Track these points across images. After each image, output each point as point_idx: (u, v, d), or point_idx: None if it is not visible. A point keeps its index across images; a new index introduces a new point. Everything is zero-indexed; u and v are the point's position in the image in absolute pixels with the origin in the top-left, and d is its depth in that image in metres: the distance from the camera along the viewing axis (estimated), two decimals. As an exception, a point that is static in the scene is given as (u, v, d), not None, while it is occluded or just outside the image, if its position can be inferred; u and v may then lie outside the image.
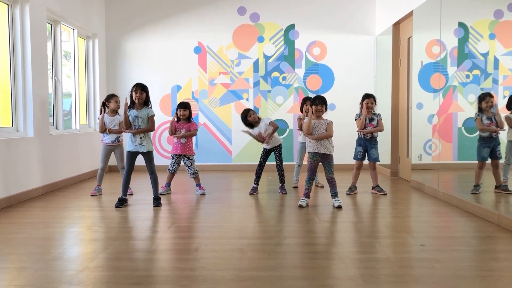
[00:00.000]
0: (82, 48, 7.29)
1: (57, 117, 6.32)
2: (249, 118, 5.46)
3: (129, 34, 7.90)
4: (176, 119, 5.46)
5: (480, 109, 4.57)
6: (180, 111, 5.44)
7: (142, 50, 7.90)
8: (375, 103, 5.44)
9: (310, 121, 4.67)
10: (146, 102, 4.82)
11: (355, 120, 5.48)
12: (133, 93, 4.74)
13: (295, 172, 6.00)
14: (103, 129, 5.35)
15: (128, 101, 4.77)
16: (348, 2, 7.81)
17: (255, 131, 5.46)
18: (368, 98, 5.40)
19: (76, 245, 3.48)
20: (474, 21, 4.88)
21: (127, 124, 4.72)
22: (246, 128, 5.53)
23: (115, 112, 5.43)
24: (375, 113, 5.46)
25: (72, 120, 6.96)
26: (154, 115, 4.83)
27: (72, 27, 6.83)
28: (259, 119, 5.54)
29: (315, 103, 4.75)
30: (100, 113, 5.42)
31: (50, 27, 6.22)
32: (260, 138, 5.43)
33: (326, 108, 4.82)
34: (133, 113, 4.75)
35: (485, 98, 4.54)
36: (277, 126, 5.46)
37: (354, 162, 5.56)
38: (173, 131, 5.42)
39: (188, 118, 5.50)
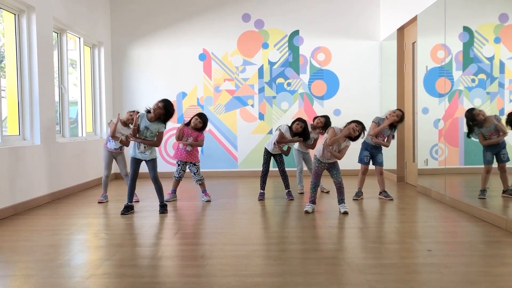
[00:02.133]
0: (88, 56, 7.34)
1: (63, 125, 6.35)
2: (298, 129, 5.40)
3: (134, 41, 7.95)
4: (185, 124, 5.44)
5: (476, 125, 4.56)
6: (197, 119, 5.41)
7: (147, 58, 7.95)
8: (400, 123, 5.41)
9: (340, 138, 4.57)
10: (162, 119, 4.69)
11: (373, 122, 5.44)
12: (156, 103, 4.64)
13: (298, 179, 5.98)
14: (114, 133, 5.30)
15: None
16: (352, 8, 7.83)
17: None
18: (397, 112, 5.34)
19: (83, 252, 3.49)
20: (479, 25, 4.87)
21: (135, 133, 4.68)
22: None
23: (126, 125, 5.37)
24: (392, 127, 5.40)
25: (78, 128, 7.00)
26: (163, 132, 4.78)
27: (78, 35, 6.88)
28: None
29: (357, 124, 4.60)
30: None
31: (56, 36, 6.28)
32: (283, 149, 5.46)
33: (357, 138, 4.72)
34: (145, 122, 4.68)
35: (475, 112, 4.60)
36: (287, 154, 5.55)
37: (359, 167, 5.55)
38: (180, 137, 5.40)
39: (199, 129, 5.47)
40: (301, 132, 5.37)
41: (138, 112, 4.87)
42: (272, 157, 5.52)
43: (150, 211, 4.89)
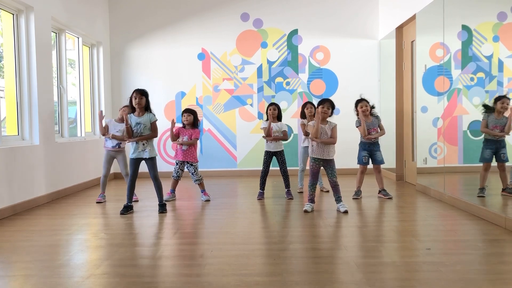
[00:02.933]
0: (86, 56, 7.34)
1: (62, 125, 6.35)
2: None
3: (133, 41, 7.95)
4: (174, 124, 5.41)
5: (491, 110, 4.52)
6: (184, 116, 5.44)
7: (146, 57, 7.94)
8: (369, 105, 5.42)
9: (318, 124, 4.62)
10: (146, 107, 4.78)
11: (357, 127, 5.45)
12: (133, 99, 4.70)
13: (299, 177, 5.99)
14: (104, 132, 5.31)
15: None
16: (351, 7, 7.83)
17: (272, 126, 5.46)
18: (361, 102, 5.39)
19: (82, 252, 3.49)
20: (477, 23, 4.88)
21: (129, 134, 4.70)
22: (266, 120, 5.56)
23: (122, 120, 5.37)
24: (375, 116, 5.43)
25: (77, 128, 7.00)
26: (156, 120, 4.81)
27: (76, 35, 6.88)
28: (280, 119, 5.58)
29: (322, 105, 4.73)
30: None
31: (55, 36, 6.27)
32: (267, 131, 5.43)
33: (332, 112, 4.80)
34: (134, 119, 4.71)
35: (501, 99, 4.50)
36: (286, 139, 5.57)
37: (357, 166, 5.55)
38: (173, 137, 5.40)
39: (193, 124, 5.48)
40: (276, 114, 5.51)
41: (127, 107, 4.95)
42: (274, 156, 5.50)
43: (150, 211, 4.89)
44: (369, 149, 5.41)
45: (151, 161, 4.78)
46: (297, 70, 7.85)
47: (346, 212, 4.58)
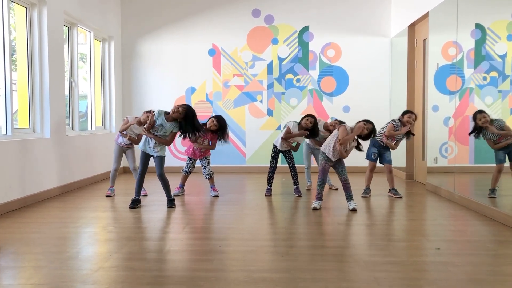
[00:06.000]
0: (98, 50, 7.37)
1: (73, 118, 6.39)
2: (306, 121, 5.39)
3: (144, 36, 7.97)
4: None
5: (481, 129, 4.55)
6: (213, 121, 5.31)
7: (157, 52, 7.96)
8: (415, 119, 5.35)
9: (350, 138, 4.63)
10: (179, 123, 4.70)
11: (391, 123, 5.32)
12: (177, 107, 4.65)
13: (306, 175, 5.98)
14: (123, 130, 5.30)
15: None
16: (363, 4, 7.77)
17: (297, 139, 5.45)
18: (411, 113, 5.32)
19: (91, 245, 3.52)
20: (491, 22, 4.81)
21: (149, 127, 4.66)
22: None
23: (141, 124, 5.25)
24: (409, 134, 5.36)
25: (88, 122, 7.04)
26: (176, 133, 4.78)
27: (88, 29, 6.91)
28: (314, 135, 5.49)
29: (371, 132, 4.75)
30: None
31: (67, 30, 6.31)
32: (287, 136, 5.40)
33: (366, 138, 4.84)
34: (161, 120, 4.69)
35: (476, 117, 4.59)
36: (295, 150, 5.54)
37: (366, 164, 5.52)
38: (196, 139, 5.28)
39: (215, 131, 5.34)
40: (311, 128, 5.34)
41: (153, 112, 4.85)
42: (281, 153, 5.50)
43: (158, 205, 4.91)
44: (379, 148, 5.39)
45: (159, 160, 4.77)
46: (307, 67, 7.82)
47: (354, 210, 4.56)
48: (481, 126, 4.54)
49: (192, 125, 4.68)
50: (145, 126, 4.72)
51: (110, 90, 7.62)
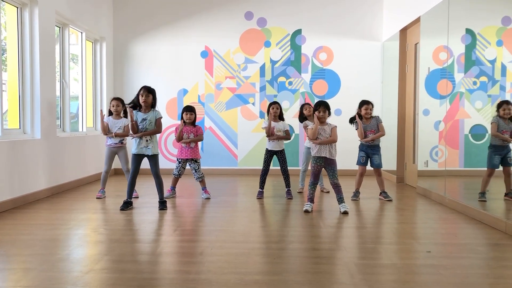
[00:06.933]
0: (89, 51, 7.33)
1: (64, 119, 6.35)
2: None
3: (137, 38, 7.94)
4: (103, 116, 5.39)
5: (499, 115, 4.52)
6: (186, 114, 5.44)
7: (149, 54, 7.94)
8: (372, 107, 5.39)
9: (316, 128, 4.69)
10: (153, 105, 4.82)
11: (356, 130, 5.43)
12: (140, 96, 4.74)
13: (300, 177, 6.00)
14: (106, 131, 5.33)
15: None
16: (355, 8, 7.82)
17: (274, 125, 5.46)
18: (367, 104, 5.36)
19: (82, 247, 3.49)
20: (481, 27, 4.87)
21: (135, 130, 4.72)
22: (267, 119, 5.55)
23: (119, 115, 5.42)
24: (373, 117, 5.40)
25: (79, 123, 7.00)
26: (161, 118, 4.86)
27: (80, 30, 6.87)
28: (282, 119, 5.60)
29: (318, 110, 4.76)
30: (102, 115, 5.39)
31: (58, 30, 6.27)
32: (268, 131, 5.43)
33: (329, 113, 4.82)
34: (140, 116, 4.75)
35: (502, 106, 4.49)
36: (289, 138, 5.59)
37: (357, 168, 5.55)
38: (181, 137, 5.39)
39: (193, 122, 5.50)
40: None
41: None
42: (274, 155, 5.50)
43: (149, 207, 4.89)
44: (367, 151, 5.40)
45: (154, 158, 4.79)
46: (300, 70, 7.85)
47: (346, 213, 4.58)
48: (502, 116, 4.49)
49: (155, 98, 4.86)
50: (130, 127, 4.74)
51: (101, 91, 7.59)
